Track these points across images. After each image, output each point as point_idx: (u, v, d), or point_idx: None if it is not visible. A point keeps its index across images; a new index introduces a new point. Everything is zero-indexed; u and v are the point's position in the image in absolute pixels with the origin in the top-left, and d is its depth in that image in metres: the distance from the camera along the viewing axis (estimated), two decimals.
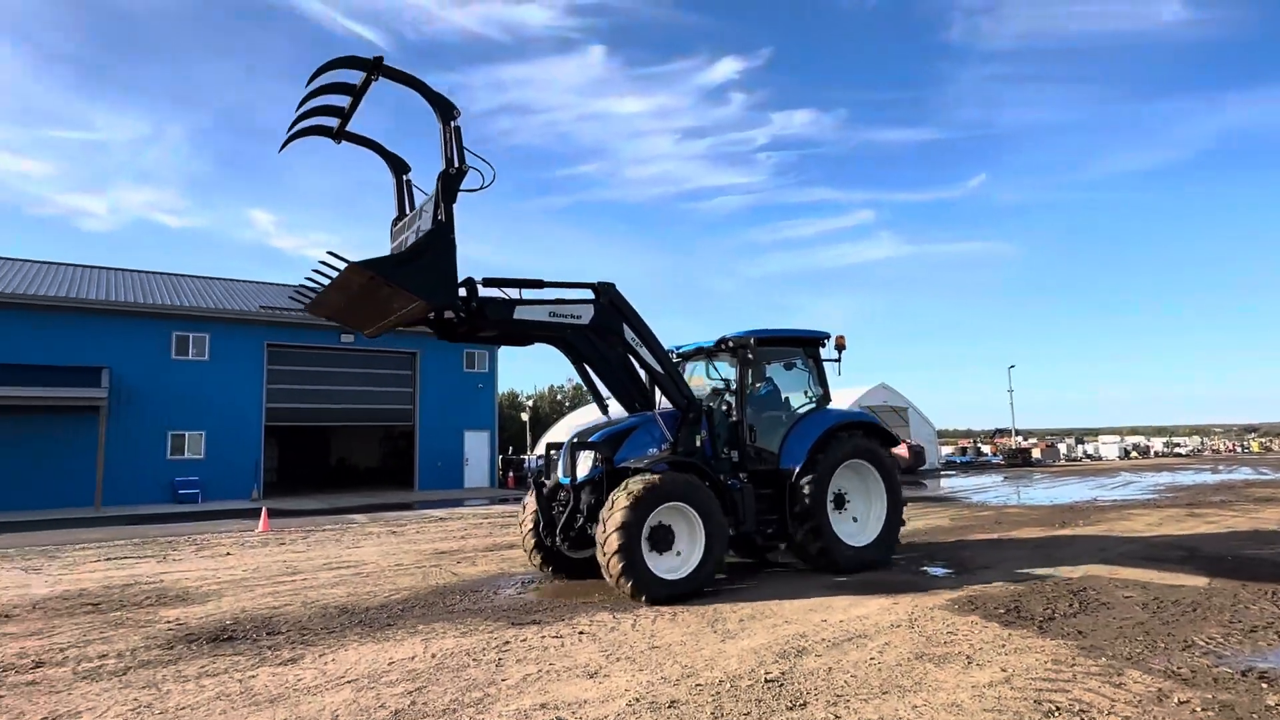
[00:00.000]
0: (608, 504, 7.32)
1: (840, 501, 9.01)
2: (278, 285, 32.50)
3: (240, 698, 4.74)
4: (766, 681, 4.88)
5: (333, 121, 7.26)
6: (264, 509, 17.36)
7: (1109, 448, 55.24)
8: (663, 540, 7.43)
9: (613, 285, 8.16)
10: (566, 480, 8.26)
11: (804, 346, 9.69)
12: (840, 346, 9.67)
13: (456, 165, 6.75)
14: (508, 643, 5.93)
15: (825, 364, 9.77)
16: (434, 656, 5.58)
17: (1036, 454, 47.45)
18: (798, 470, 8.59)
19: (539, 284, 7.78)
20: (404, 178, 7.77)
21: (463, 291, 7.09)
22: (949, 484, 27.54)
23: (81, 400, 21.85)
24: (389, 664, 5.41)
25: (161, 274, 30.99)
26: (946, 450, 53.18)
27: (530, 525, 8.71)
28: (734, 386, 9.30)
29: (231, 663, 5.53)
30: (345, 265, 6.22)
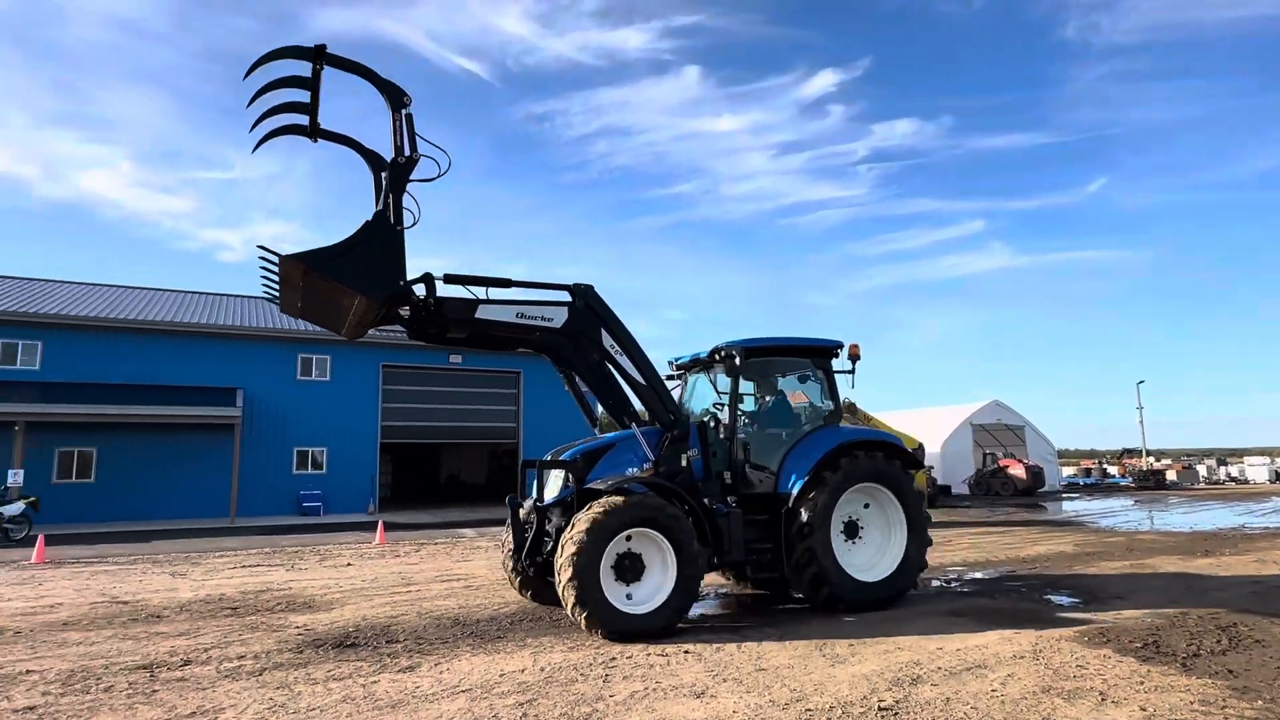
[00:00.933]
0: (568, 528, 6.76)
1: (853, 531, 8.10)
2: None
3: (364, 702, 4.98)
4: (880, 710, 4.71)
5: (300, 119, 7.05)
6: (380, 522, 18.21)
7: (1257, 469, 50.33)
8: (631, 569, 6.81)
9: (590, 287, 7.64)
10: (541, 501, 7.65)
11: (812, 357, 8.72)
12: (854, 357, 8.68)
13: (406, 154, 6.55)
14: (614, 659, 5.98)
15: (839, 376, 8.78)
16: (543, 670, 5.70)
17: (1171, 476, 43.83)
18: (795, 494, 7.73)
19: (506, 283, 7.33)
20: (382, 174, 7.41)
21: (421, 289, 6.86)
22: (1072, 507, 25.85)
23: (218, 418, 23.60)
24: (500, 675, 5.56)
25: None
26: (1068, 471, 50.00)
27: (510, 550, 8.00)
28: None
29: (355, 668, 5.82)
30: (278, 259, 5.99)
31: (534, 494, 7.75)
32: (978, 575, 10.52)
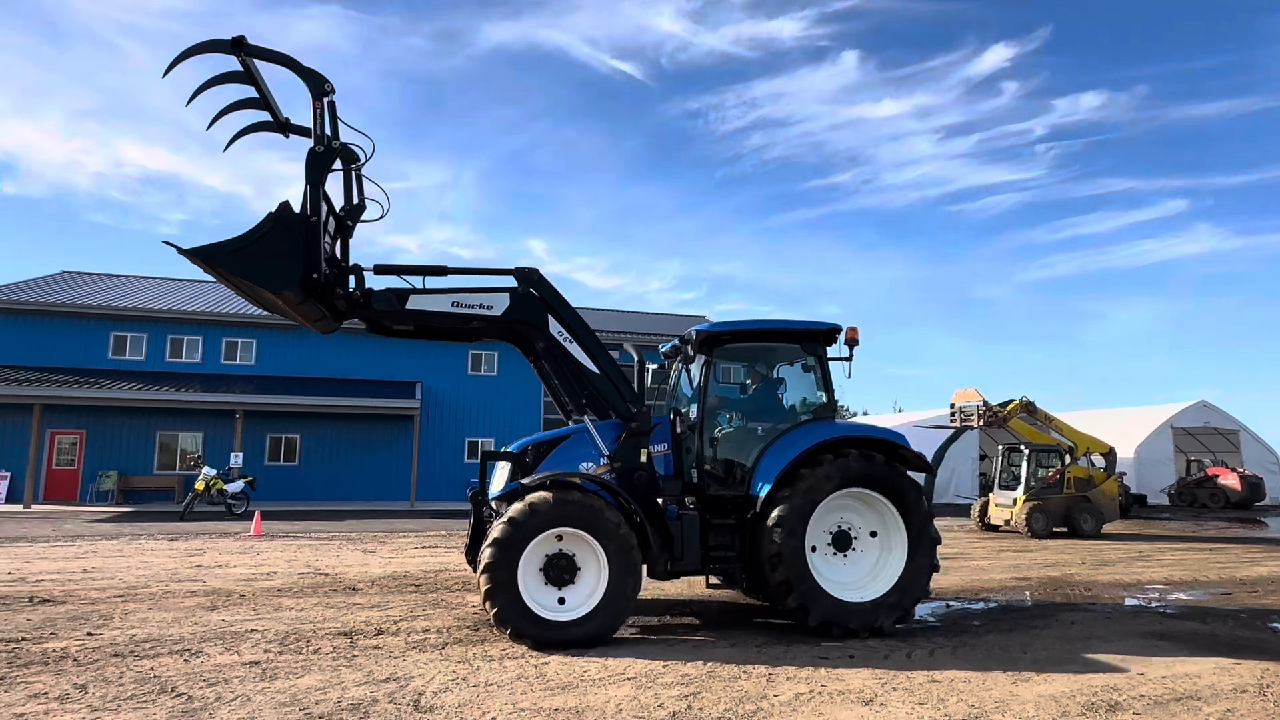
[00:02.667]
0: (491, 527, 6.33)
1: (844, 542, 7.08)
2: None
3: (536, 681, 5.22)
4: None
5: (263, 116, 7.01)
6: None
7: None
8: (563, 573, 6.28)
9: (535, 270, 7.17)
10: (482, 494, 7.28)
11: (802, 342, 7.70)
12: (852, 342, 7.59)
13: (326, 143, 6.43)
14: (777, 658, 5.91)
15: (839, 366, 7.70)
16: (705, 664, 5.72)
17: None
18: (763, 496, 6.84)
19: (442, 270, 7.06)
20: (353, 167, 7.21)
21: (353, 281, 6.75)
22: None
23: (400, 410, 25.63)
24: (664, 666, 5.64)
25: None
26: None
27: (467, 544, 7.60)
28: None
29: (526, 649, 6.12)
30: (180, 253, 5.89)
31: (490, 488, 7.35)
32: (1182, 596, 9.44)
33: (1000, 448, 19.73)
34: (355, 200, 7.04)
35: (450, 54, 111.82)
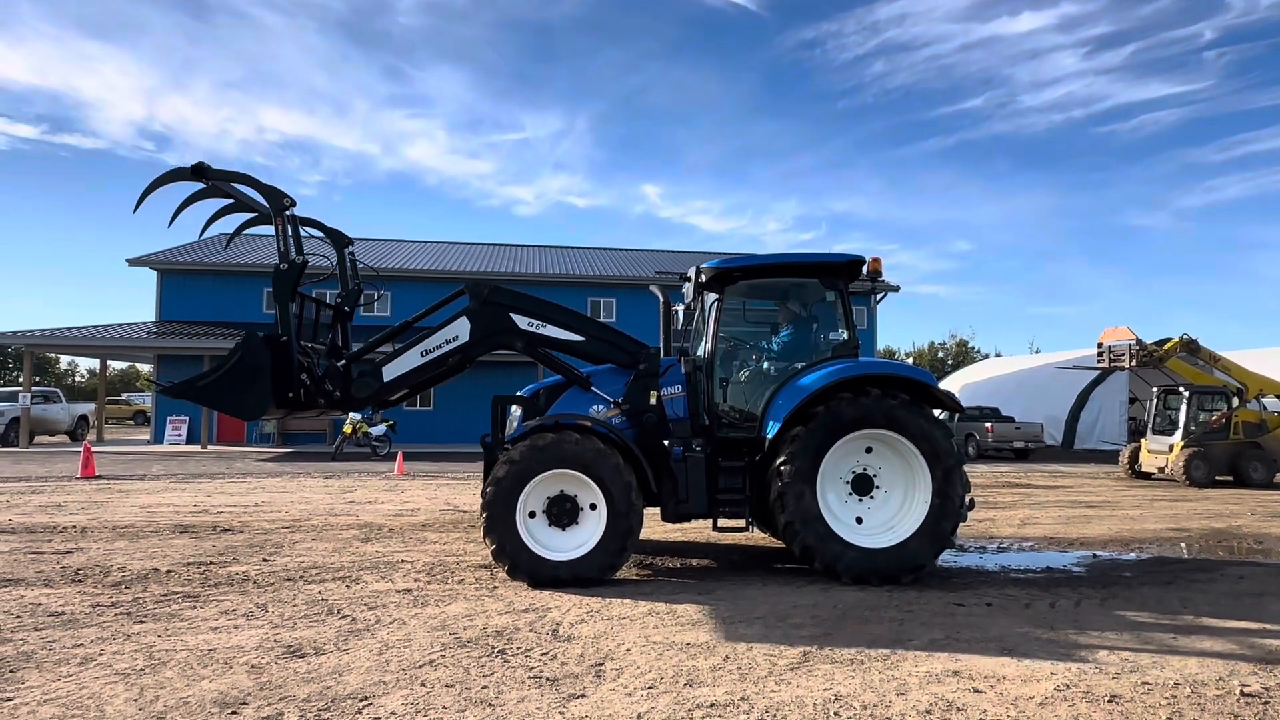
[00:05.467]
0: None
1: (865, 486, 6.69)
2: (667, 252, 35.69)
3: (667, 616, 5.37)
4: (1244, 695, 4.03)
5: (251, 214, 7.29)
6: None
7: None
8: (564, 513, 6.32)
9: (484, 283, 7.12)
10: (490, 438, 7.45)
11: (820, 277, 7.31)
12: (875, 274, 7.27)
13: (290, 259, 6.33)
14: (910, 604, 5.80)
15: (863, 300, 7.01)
16: (835, 606, 5.70)
17: None
18: (771, 438, 6.60)
19: (404, 326, 7.29)
20: (345, 251, 7.45)
21: (332, 385, 6.78)
22: None
23: (525, 356, 26.59)
24: (793, 607, 5.67)
25: (576, 248, 36.05)
26: None
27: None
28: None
29: (655, 588, 6.30)
30: (162, 392, 6.11)
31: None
32: None
33: (1155, 390, 18.24)
34: (351, 285, 7.48)
35: (557, 2, 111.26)
